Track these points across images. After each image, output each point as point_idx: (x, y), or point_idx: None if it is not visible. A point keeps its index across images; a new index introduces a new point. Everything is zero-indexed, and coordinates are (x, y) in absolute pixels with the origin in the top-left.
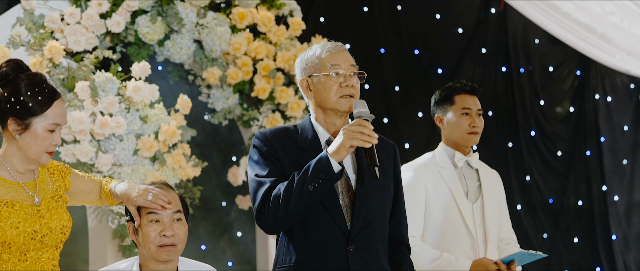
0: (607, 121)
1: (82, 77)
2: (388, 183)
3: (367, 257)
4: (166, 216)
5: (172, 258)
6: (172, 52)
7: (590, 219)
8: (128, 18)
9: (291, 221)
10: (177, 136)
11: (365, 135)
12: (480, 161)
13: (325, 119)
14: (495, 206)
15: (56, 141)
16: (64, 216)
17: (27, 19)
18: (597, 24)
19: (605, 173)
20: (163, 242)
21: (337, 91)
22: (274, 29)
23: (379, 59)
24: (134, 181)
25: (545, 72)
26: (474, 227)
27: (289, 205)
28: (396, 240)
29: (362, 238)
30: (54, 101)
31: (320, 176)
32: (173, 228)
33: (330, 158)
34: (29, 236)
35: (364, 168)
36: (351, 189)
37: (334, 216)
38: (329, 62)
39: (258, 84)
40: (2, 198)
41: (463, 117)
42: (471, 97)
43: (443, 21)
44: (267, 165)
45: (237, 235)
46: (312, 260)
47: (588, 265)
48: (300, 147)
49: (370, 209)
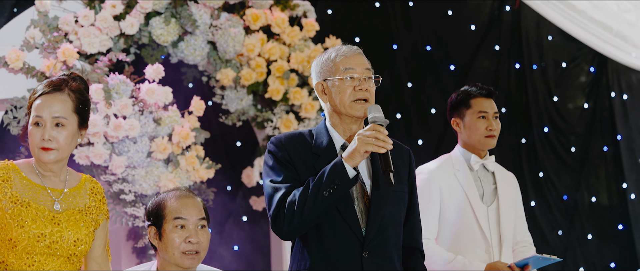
0: (623, 119)
1: (95, 79)
2: (403, 188)
3: (381, 263)
4: (191, 222)
5: (195, 265)
6: (186, 54)
7: (606, 216)
8: (142, 20)
9: (307, 227)
10: (190, 138)
11: (380, 140)
12: (496, 164)
13: (341, 124)
14: (510, 209)
15: (46, 136)
16: (81, 230)
17: (41, 21)
18: (612, 22)
19: (624, 170)
20: (187, 249)
21: (351, 94)
22: (287, 30)
23: (391, 55)
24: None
25: (558, 68)
26: (488, 230)
27: (304, 211)
28: (410, 246)
29: (377, 244)
30: (42, 96)
31: (335, 182)
32: (198, 235)
33: (345, 163)
34: (34, 238)
35: (379, 174)
36: (366, 194)
37: (349, 222)
38: (343, 65)
39: (272, 85)
40: (21, 198)
41: (480, 120)
42: (487, 101)
43: (455, 18)
44: (282, 171)
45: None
46: (327, 266)
47: (603, 262)
48: (315, 152)
49: (385, 215)
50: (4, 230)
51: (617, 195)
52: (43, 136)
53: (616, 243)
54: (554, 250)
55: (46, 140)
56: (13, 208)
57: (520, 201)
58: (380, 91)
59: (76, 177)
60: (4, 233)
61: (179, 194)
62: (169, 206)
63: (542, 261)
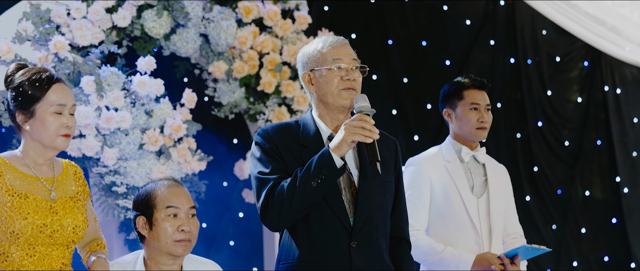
0: (616, 113)
1: (87, 71)
2: (390, 179)
3: (369, 253)
4: (183, 211)
5: (187, 253)
6: (178, 47)
7: (599, 209)
8: (134, 12)
9: (295, 218)
10: (182, 131)
11: (367, 130)
12: (487, 156)
13: (328, 114)
14: (501, 201)
15: (69, 123)
16: (78, 217)
17: (34, 13)
18: (607, 16)
19: (618, 164)
20: (180, 237)
21: (339, 84)
22: (280, 23)
23: (386, 51)
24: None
25: (552, 62)
26: (478, 222)
27: (292, 202)
28: (397, 236)
29: (365, 234)
30: (53, 85)
31: (323, 172)
32: (190, 224)
33: (333, 154)
34: (37, 229)
35: (366, 164)
36: (354, 185)
37: (337, 212)
38: (330, 56)
39: (264, 78)
40: (17, 190)
41: (471, 112)
42: (480, 93)
43: (450, 12)
44: (270, 162)
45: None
46: (316, 257)
47: (596, 256)
48: (302, 143)
49: (373, 205)
50: (4, 223)
51: (610, 189)
52: (67, 123)
53: (610, 237)
54: (548, 244)
55: (69, 127)
56: (12, 200)
57: (511, 193)
58: (376, 87)
59: (60, 164)
60: (5, 226)
61: (168, 183)
62: (159, 195)
63: (532, 251)
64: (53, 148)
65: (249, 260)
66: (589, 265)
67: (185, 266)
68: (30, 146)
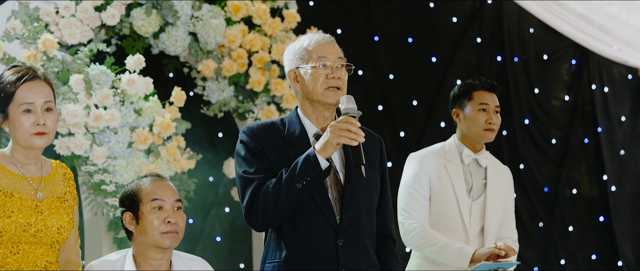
0: (604, 111)
1: (76, 70)
2: (375, 176)
3: (356, 251)
4: (169, 203)
5: (175, 245)
6: (167, 45)
7: (586, 207)
8: (123, 11)
9: (280, 218)
10: (171, 129)
11: (352, 133)
12: (492, 158)
13: (314, 112)
14: (498, 205)
15: (40, 121)
16: (63, 218)
17: (22, 12)
18: (595, 15)
19: (605, 162)
20: (167, 229)
21: (324, 82)
22: (269, 22)
23: (373, 47)
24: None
25: (539, 60)
26: (469, 223)
27: (277, 203)
28: (382, 233)
29: (351, 231)
30: (23, 83)
31: (308, 174)
32: (175, 216)
33: (318, 155)
34: (21, 227)
35: (352, 164)
36: (340, 183)
37: (323, 210)
38: (316, 53)
39: (253, 76)
40: (3, 188)
41: (480, 113)
42: (490, 94)
43: (437, 10)
44: (255, 162)
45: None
46: (302, 255)
47: (583, 254)
48: (288, 141)
49: (358, 203)
50: None
51: (597, 187)
52: (37, 121)
53: (597, 235)
54: (535, 241)
55: (41, 125)
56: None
57: (512, 198)
58: (362, 83)
59: (49, 164)
60: None
61: (152, 179)
62: (144, 190)
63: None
64: (30, 148)
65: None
66: (576, 263)
67: (174, 262)
68: (14, 147)
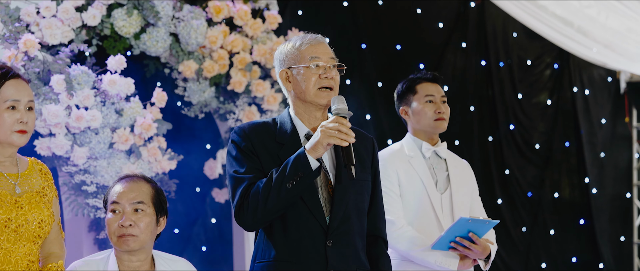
0: (585, 114)
1: (57, 70)
2: (366, 177)
3: (345, 252)
4: (126, 206)
5: (132, 248)
6: (148, 46)
7: (568, 211)
8: (104, 11)
9: (270, 218)
10: (152, 130)
11: (343, 133)
12: (449, 151)
13: (305, 112)
14: (464, 196)
15: (24, 119)
16: (44, 212)
17: (3, 12)
18: (574, 17)
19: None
20: (121, 232)
21: (317, 82)
22: (250, 23)
23: (361, 55)
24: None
25: (523, 65)
26: (443, 217)
27: (267, 203)
28: (373, 234)
29: (340, 232)
30: (7, 81)
31: (298, 174)
32: (131, 218)
33: (308, 155)
34: (2, 223)
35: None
36: (330, 183)
37: (313, 211)
38: (308, 54)
39: (234, 77)
40: None
41: (428, 105)
42: (433, 85)
43: (424, 16)
44: (246, 162)
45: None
46: (291, 255)
47: (564, 257)
48: (279, 141)
49: (349, 204)
50: None
51: (579, 190)
52: (21, 119)
53: (578, 238)
54: (517, 247)
55: (24, 123)
56: None
57: (476, 187)
58: (351, 91)
59: (25, 161)
60: None
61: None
62: (110, 191)
63: (474, 224)
64: (9, 145)
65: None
66: (557, 266)
67: (157, 263)
68: None
